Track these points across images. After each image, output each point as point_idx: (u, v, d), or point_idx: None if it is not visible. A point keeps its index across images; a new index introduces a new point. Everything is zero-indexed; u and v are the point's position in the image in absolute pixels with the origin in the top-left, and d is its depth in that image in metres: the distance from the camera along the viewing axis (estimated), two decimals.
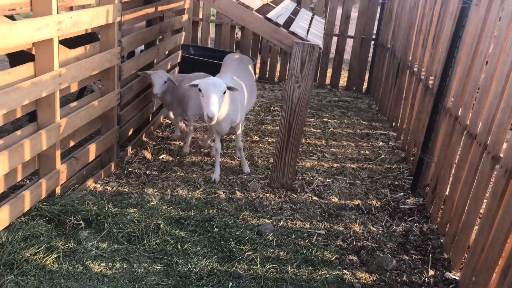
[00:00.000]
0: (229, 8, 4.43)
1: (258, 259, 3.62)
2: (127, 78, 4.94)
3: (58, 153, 3.85)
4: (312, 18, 6.46)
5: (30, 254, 3.27)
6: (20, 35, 3.11)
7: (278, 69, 9.44)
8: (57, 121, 3.71)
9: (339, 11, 9.15)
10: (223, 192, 4.65)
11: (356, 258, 3.82)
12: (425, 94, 5.27)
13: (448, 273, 3.69)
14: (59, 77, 3.60)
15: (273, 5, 5.54)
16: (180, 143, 5.75)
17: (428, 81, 5.26)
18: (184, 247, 3.69)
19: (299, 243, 3.95)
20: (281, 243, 3.90)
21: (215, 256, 3.63)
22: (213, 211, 4.26)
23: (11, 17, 4.00)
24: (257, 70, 9.33)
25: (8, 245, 3.29)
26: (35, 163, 3.74)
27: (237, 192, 4.67)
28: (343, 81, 9.66)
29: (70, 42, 4.27)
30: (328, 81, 9.43)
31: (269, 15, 4.53)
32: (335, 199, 4.76)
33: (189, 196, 4.51)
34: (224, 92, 4.20)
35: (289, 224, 4.24)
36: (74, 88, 4.22)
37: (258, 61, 9.34)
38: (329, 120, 7.21)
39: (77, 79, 3.93)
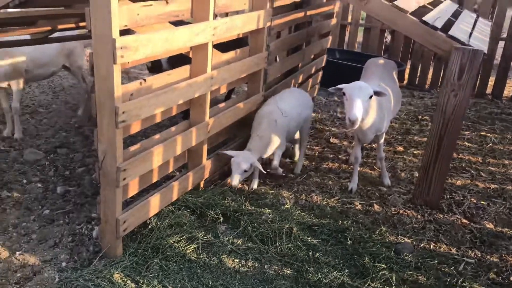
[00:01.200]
0: (381, 11, 4.20)
1: (394, 280, 3.35)
2: (271, 81, 5.06)
3: (205, 150, 4.12)
4: (476, 21, 5.79)
5: (174, 242, 3.54)
6: (181, 39, 3.38)
7: (429, 75, 8.74)
8: (206, 120, 3.96)
9: (509, 13, 8.05)
10: (360, 203, 4.44)
11: None
12: None
13: None
14: (211, 79, 3.83)
15: (431, 7, 5.11)
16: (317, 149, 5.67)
17: None
18: (316, 256, 3.61)
19: (443, 269, 3.55)
20: (421, 266, 3.55)
21: (347, 270, 3.46)
22: (348, 222, 4.08)
23: (180, 22, 4.37)
24: (406, 76, 8.77)
25: (156, 230, 3.61)
26: (184, 157, 4.05)
27: (375, 205, 4.42)
28: (508, 90, 8.49)
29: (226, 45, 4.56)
30: (489, 90, 8.39)
31: (425, 18, 4.17)
32: (490, 225, 4.17)
33: (324, 203, 4.41)
34: (371, 97, 4.00)
35: (431, 246, 3.85)
36: (223, 90, 4.46)
37: (408, 66, 8.77)
38: (488, 135, 6.38)
39: (227, 81, 4.15)
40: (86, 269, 3.23)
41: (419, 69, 8.68)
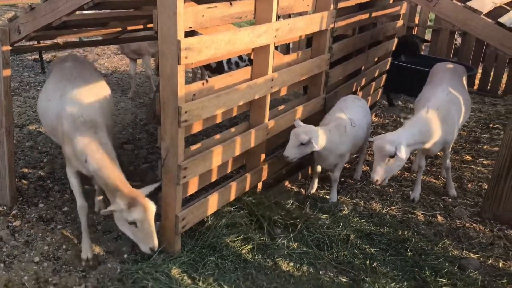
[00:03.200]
0: (452, 12, 3.99)
1: None
2: (333, 84, 4.97)
3: (263, 151, 4.12)
4: None
5: (230, 241, 3.58)
6: (243, 41, 3.41)
7: (503, 81, 8.19)
8: (266, 122, 3.96)
9: None
10: (422, 213, 4.25)
11: None
12: None
13: None
14: (271, 81, 3.83)
15: (508, 8, 4.78)
16: None
17: None
18: (373, 265, 3.49)
19: None
20: (487, 285, 3.33)
21: (406, 282, 3.32)
22: (409, 232, 3.92)
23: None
24: (477, 81, 8.28)
25: (213, 229, 3.67)
26: (243, 158, 4.08)
27: (439, 216, 4.20)
28: None
29: None
30: None
31: (501, 20, 3.91)
32: None
33: (383, 211, 4.26)
34: (392, 156, 3.77)
35: (500, 264, 3.59)
36: (283, 92, 4.45)
37: (480, 70, 8.28)
38: None
39: (287, 84, 4.13)
40: (146, 262, 3.35)
41: (492, 74, 8.16)
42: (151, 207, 3.10)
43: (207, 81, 3.37)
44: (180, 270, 3.28)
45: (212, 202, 3.66)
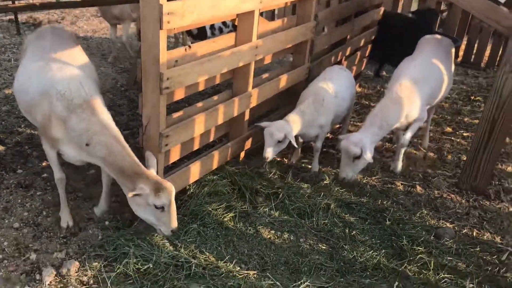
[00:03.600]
0: None
1: (432, 264, 3.27)
2: (318, 53, 4.92)
3: (247, 120, 4.10)
4: None
5: (212, 209, 3.59)
6: (228, 6, 3.32)
7: (487, 53, 8.23)
8: (249, 90, 3.92)
9: None
10: (402, 183, 4.32)
11: None
12: None
13: None
14: (255, 49, 3.76)
15: None
16: None
17: None
18: (352, 233, 3.57)
19: (485, 257, 3.43)
20: (461, 253, 3.45)
21: (383, 250, 3.41)
22: (388, 202, 4.00)
23: None
24: (461, 53, 8.31)
25: (196, 197, 3.68)
26: (226, 127, 4.05)
27: (418, 187, 4.29)
28: None
29: None
30: None
31: None
32: None
33: (364, 181, 4.32)
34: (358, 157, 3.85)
35: (474, 233, 3.71)
36: (267, 60, 4.38)
37: (464, 42, 8.29)
38: None
39: (272, 51, 4.06)
40: (128, 230, 3.36)
41: (476, 46, 8.19)
42: (173, 189, 3.02)
43: (189, 47, 3.29)
44: (162, 238, 3.29)
45: (195, 171, 3.65)
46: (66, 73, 3.22)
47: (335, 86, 4.32)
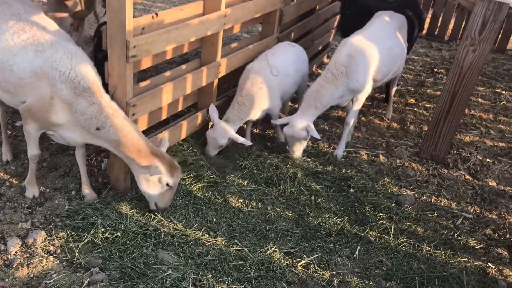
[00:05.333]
0: None
1: (392, 229, 3.44)
2: (287, 23, 4.90)
3: (215, 90, 4.09)
4: None
5: (181, 179, 3.61)
6: None
7: (450, 26, 8.42)
8: (218, 60, 3.89)
9: None
10: (366, 153, 4.46)
11: (507, 253, 3.38)
12: None
13: None
14: (224, 18, 3.72)
15: None
16: None
17: None
18: (317, 201, 3.69)
19: (441, 222, 3.63)
20: (420, 218, 3.63)
21: (347, 217, 3.55)
22: (352, 171, 4.13)
23: None
24: (426, 26, 8.45)
25: None
26: (194, 97, 4.03)
27: (381, 156, 4.44)
28: None
29: None
30: (510, 45, 8.10)
31: None
32: (492, 183, 4.21)
33: (330, 151, 4.43)
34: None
35: (433, 200, 3.91)
36: (236, 29, 4.34)
37: (429, 15, 8.43)
38: (503, 92, 6.26)
39: (240, 21, 4.03)
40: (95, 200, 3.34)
41: (440, 19, 8.35)
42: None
43: (156, 14, 3.22)
44: (130, 207, 3.31)
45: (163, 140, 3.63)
46: (64, 50, 2.96)
47: (276, 62, 4.13)
